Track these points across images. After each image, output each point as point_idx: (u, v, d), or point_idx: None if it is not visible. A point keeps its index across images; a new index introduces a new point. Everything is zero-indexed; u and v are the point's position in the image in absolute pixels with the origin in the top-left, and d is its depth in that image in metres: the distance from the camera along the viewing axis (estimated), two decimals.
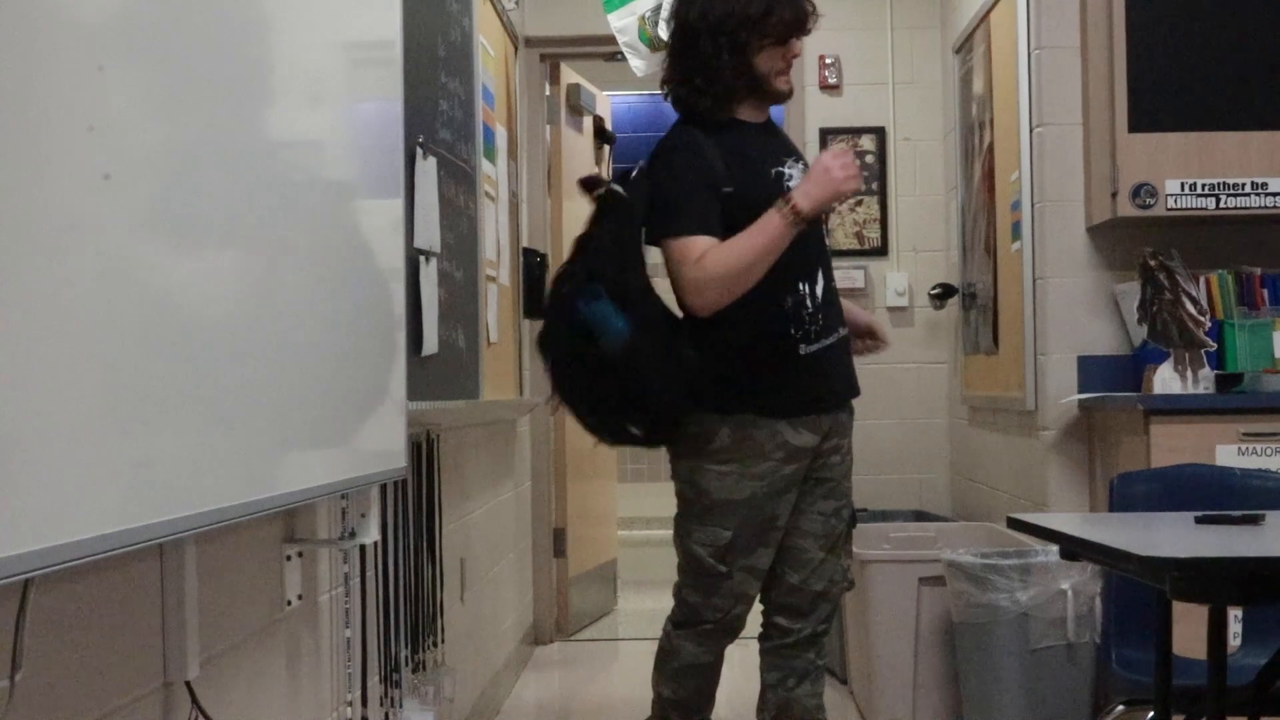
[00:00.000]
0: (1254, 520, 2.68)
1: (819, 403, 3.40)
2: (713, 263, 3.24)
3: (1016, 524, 2.86)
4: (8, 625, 1.56)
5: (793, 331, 3.34)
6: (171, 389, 1.71)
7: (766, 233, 3.23)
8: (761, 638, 3.56)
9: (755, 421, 3.34)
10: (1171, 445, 3.96)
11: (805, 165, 3.43)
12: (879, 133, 6.48)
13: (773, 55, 3.36)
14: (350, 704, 3.00)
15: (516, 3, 5.78)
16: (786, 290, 3.33)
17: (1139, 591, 3.07)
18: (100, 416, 1.52)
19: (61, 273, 1.44)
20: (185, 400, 1.75)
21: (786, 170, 3.39)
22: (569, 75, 6.72)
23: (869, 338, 3.63)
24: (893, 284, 6.43)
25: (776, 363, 3.35)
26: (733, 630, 3.50)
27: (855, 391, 3.53)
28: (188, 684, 2.11)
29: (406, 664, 3.41)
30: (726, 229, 3.29)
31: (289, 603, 2.65)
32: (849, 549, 3.55)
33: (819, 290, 3.39)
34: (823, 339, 3.38)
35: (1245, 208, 4.32)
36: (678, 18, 3.43)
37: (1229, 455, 3.98)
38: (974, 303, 5.75)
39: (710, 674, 3.58)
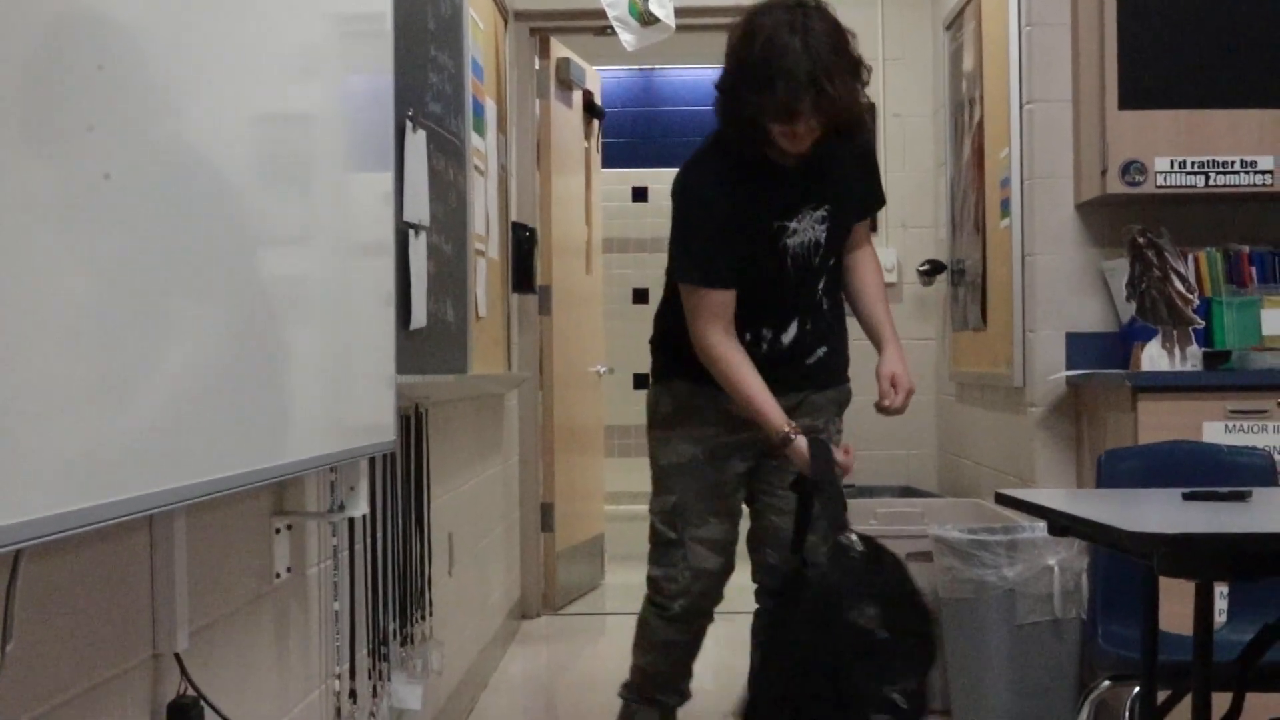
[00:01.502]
0: (1241, 497, 2.69)
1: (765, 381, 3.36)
2: (712, 352, 3.30)
3: (1005, 499, 2.87)
4: None
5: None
6: (161, 362, 1.70)
7: (753, 409, 3.28)
8: (754, 616, 3.57)
9: (694, 390, 3.37)
10: (1159, 422, 3.97)
11: (828, 211, 3.35)
12: (869, 109, 6.45)
13: (778, 130, 3.17)
14: (338, 676, 3.00)
15: None
16: (743, 330, 3.35)
17: (1126, 567, 3.08)
18: (91, 389, 1.52)
19: (56, 251, 1.44)
20: (175, 373, 1.75)
21: (792, 225, 3.32)
22: (559, 49, 6.70)
23: (884, 398, 3.47)
24: (882, 260, 6.41)
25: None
26: (700, 611, 3.50)
27: (816, 384, 3.50)
28: (177, 656, 2.11)
29: (395, 637, 3.41)
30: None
31: (278, 575, 2.65)
32: (845, 534, 3.32)
33: (787, 339, 3.41)
34: (771, 371, 3.35)
35: (1234, 185, 4.32)
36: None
37: (1216, 432, 3.99)
38: (963, 279, 5.75)
39: (686, 652, 3.60)
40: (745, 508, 3.59)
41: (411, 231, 3.35)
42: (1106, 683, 3.14)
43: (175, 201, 1.75)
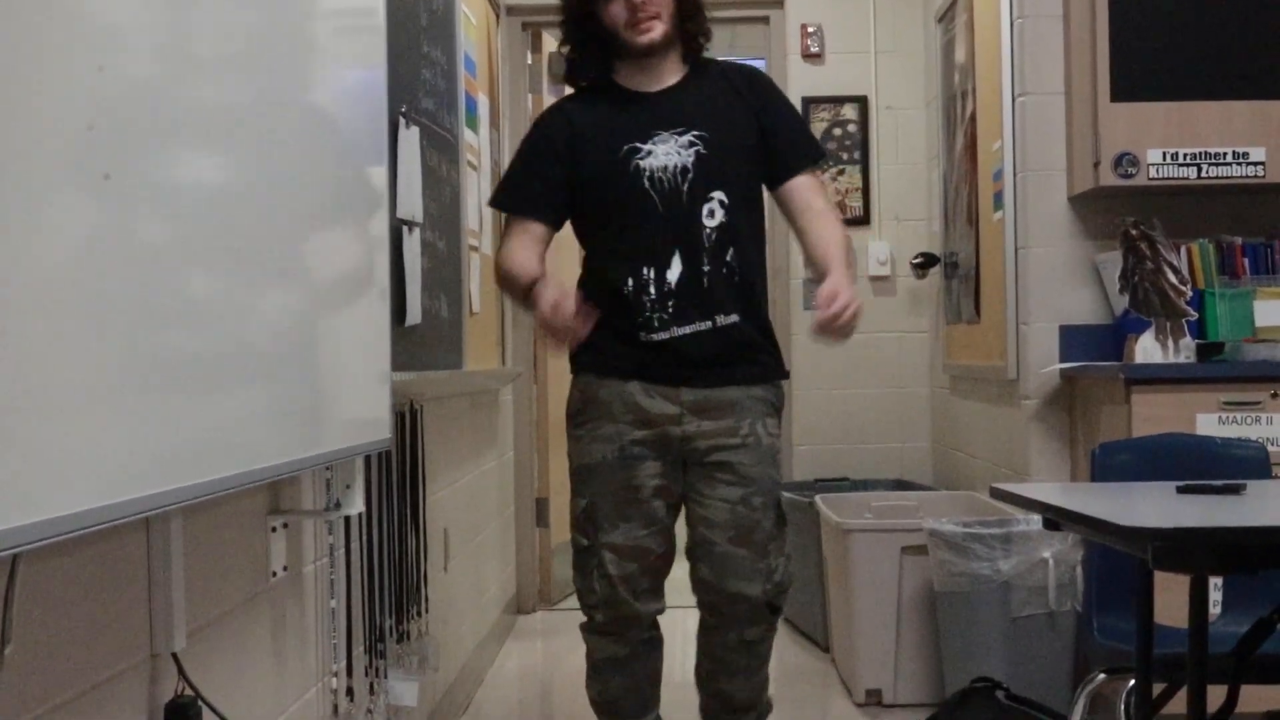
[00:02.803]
0: (1234, 490, 2.69)
1: (672, 377, 3.17)
2: (497, 270, 3.25)
3: (999, 494, 2.87)
4: None
5: (633, 317, 3.15)
6: (157, 363, 1.70)
7: (511, 285, 3.19)
8: (698, 629, 3.38)
9: (600, 382, 3.18)
10: (1152, 414, 3.98)
11: (696, 137, 3.14)
12: (861, 101, 6.48)
13: (611, 5, 3.12)
14: (335, 674, 3.00)
15: None
16: (627, 274, 3.13)
17: (1120, 560, 3.09)
18: (86, 392, 1.52)
19: (56, 254, 1.44)
20: (170, 374, 1.75)
21: (646, 146, 3.13)
22: (551, 43, 6.69)
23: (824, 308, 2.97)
24: (875, 253, 6.44)
25: (616, 335, 3.17)
26: (626, 620, 3.26)
27: (739, 379, 3.20)
28: (174, 655, 2.12)
29: (391, 634, 3.42)
30: (573, 210, 3.24)
31: (274, 574, 2.65)
32: (779, 548, 3.23)
33: (672, 276, 3.12)
34: (673, 328, 3.14)
35: (1227, 177, 4.33)
36: None
37: (1210, 424, 4.00)
38: (956, 272, 5.76)
39: (634, 671, 3.35)
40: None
41: (405, 228, 3.35)
42: (1102, 675, 3.14)
43: (171, 201, 1.75)
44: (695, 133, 3.16)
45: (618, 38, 3.14)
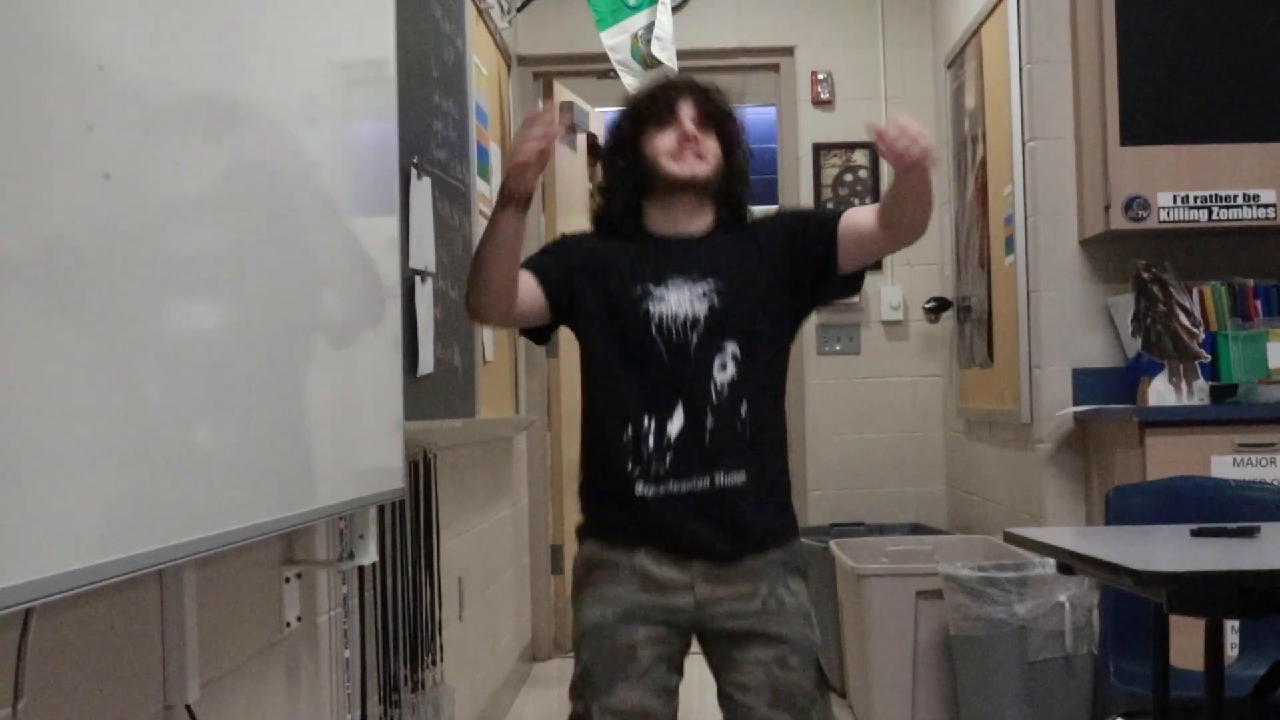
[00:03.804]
0: (1249, 533, 2.69)
1: (676, 543, 2.87)
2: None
3: (1013, 538, 2.86)
4: (9, 653, 1.56)
5: (630, 467, 2.88)
6: (169, 413, 1.71)
7: (487, 234, 2.95)
8: None
9: (605, 548, 2.91)
10: (1167, 456, 3.97)
11: (712, 286, 2.93)
12: (872, 147, 6.48)
13: (659, 135, 2.96)
14: None
15: (509, 21, 5.80)
16: (626, 422, 2.89)
17: (1136, 603, 3.08)
18: (98, 443, 1.53)
19: (59, 284, 1.45)
20: (183, 425, 1.75)
21: (658, 290, 2.93)
22: (562, 93, 6.73)
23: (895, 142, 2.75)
24: (887, 298, 6.44)
25: (614, 497, 2.90)
26: None
27: (747, 547, 2.89)
28: (188, 707, 2.11)
29: (405, 683, 3.41)
30: (580, 341, 3.00)
31: (288, 624, 2.65)
32: (823, 714, 2.92)
33: (672, 429, 2.87)
34: (670, 484, 2.86)
35: (1238, 219, 4.33)
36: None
37: (1224, 466, 3.99)
38: (969, 316, 5.76)
39: None
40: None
41: (418, 277, 3.36)
42: None
43: (180, 259, 1.76)
44: (711, 281, 2.97)
45: (656, 170, 2.97)
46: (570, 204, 6.81)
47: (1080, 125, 4.57)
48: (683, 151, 2.94)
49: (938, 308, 6.24)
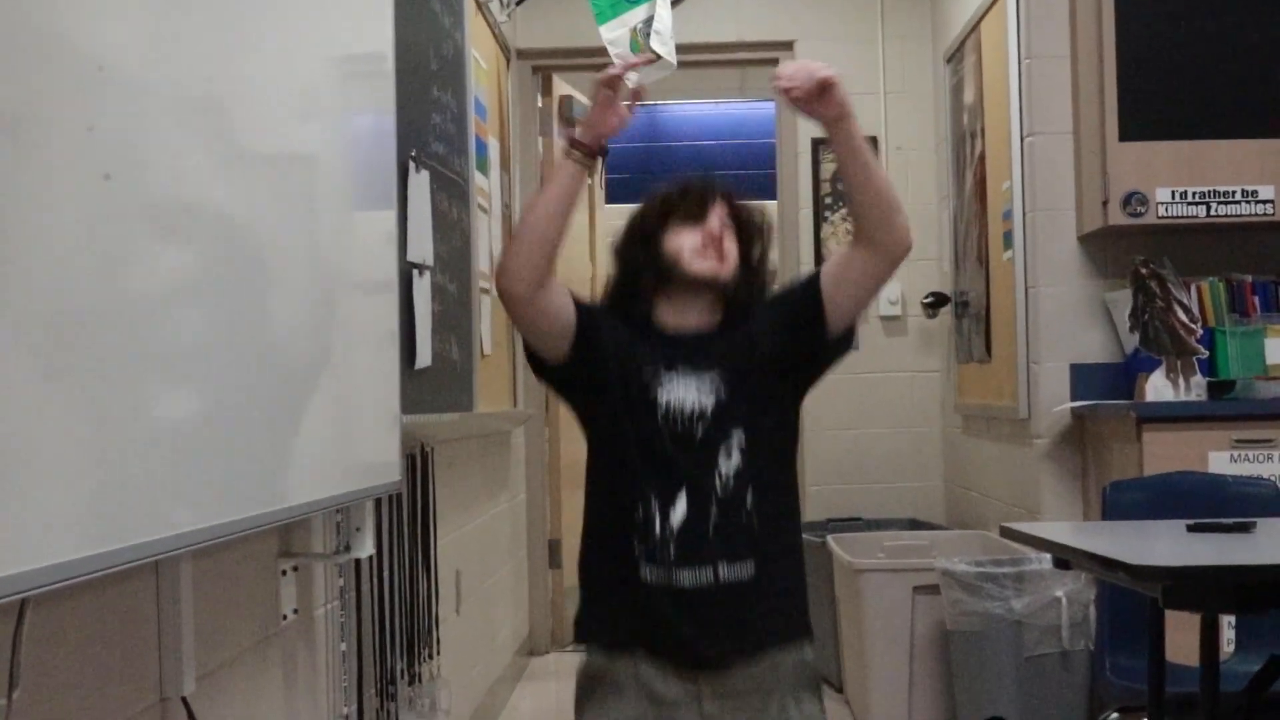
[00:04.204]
0: (1245, 528, 2.69)
1: (679, 648, 2.74)
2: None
3: (1009, 533, 2.87)
4: (5, 644, 1.56)
5: (636, 549, 2.75)
6: (166, 405, 1.71)
7: (543, 193, 2.83)
8: None
9: (609, 661, 2.78)
10: (1164, 452, 3.97)
11: (719, 377, 2.84)
12: (871, 142, 6.47)
13: (682, 233, 2.86)
14: (346, 717, 3.00)
15: (508, 15, 5.80)
16: (627, 509, 2.76)
17: (1133, 598, 3.08)
18: (95, 434, 1.53)
19: (59, 283, 1.45)
20: (180, 417, 1.75)
21: (665, 375, 2.83)
22: (561, 87, 6.73)
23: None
24: (886, 293, 6.44)
25: (617, 582, 2.77)
26: None
27: (754, 645, 2.77)
28: (184, 700, 2.12)
29: (402, 676, 3.41)
30: (587, 415, 2.88)
31: (285, 617, 2.65)
32: None
33: (675, 518, 2.74)
34: (675, 572, 2.72)
35: (1236, 215, 4.34)
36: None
37: (1221, 462, 3.99)
38: (967, 311, 5.76)
39: None
40: None
41: (415, 271, 3.36)
42: (1115, 715, 3.14)
43: (178, 252, 1.76)
44: (718, 372, 2.87)
45: (675, 267, 2.88)
46: None
47: (1079, 120, 4.57)
48: (706, 250, 2.85)
49: (936, 303, 6.24)
